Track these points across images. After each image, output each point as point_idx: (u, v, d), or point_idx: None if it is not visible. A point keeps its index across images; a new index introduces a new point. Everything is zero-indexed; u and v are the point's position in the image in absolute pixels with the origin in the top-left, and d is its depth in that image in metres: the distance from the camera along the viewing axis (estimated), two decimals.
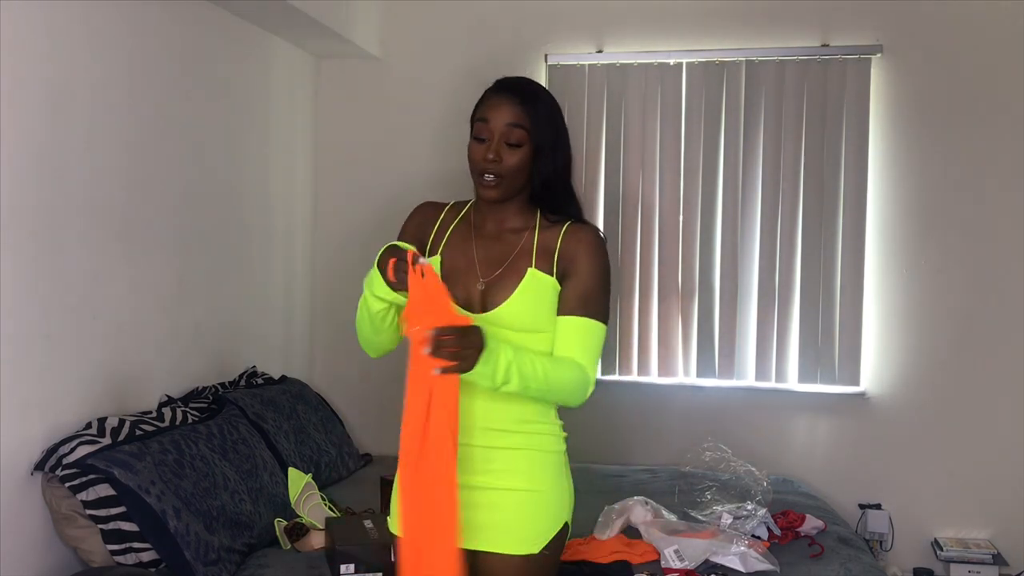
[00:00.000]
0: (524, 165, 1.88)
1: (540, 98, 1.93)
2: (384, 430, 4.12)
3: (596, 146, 4.21)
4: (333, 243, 4.47)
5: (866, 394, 4.06)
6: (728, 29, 4.12)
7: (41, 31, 2.60)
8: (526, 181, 1.91)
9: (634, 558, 2.81)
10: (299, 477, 3.15)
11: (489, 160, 1.86)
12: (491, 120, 1.88)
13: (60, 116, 2.69)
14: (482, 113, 1.91)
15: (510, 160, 1.87)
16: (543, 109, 1.91)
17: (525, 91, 1.92)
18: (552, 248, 1.91)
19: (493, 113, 1.89)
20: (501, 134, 1.87)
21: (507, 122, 1.87)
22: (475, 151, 1.90)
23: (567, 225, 1.94)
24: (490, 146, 1.87)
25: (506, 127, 1.87)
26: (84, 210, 2.79)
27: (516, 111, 1.88)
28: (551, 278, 1.89)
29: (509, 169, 1.87)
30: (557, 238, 1.92)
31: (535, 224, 1.95)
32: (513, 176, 1.88)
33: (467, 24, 4.30)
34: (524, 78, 1.98)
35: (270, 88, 4.05)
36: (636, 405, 4.22)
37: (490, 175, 1.87)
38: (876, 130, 4.02)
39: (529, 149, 1.88)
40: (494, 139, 1.87)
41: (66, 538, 2.63)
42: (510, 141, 1.87)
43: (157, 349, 3.19)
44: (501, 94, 1.91)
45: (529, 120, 1.88)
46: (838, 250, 4.04)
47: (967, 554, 3.82)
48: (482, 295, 1.90)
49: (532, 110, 1.89)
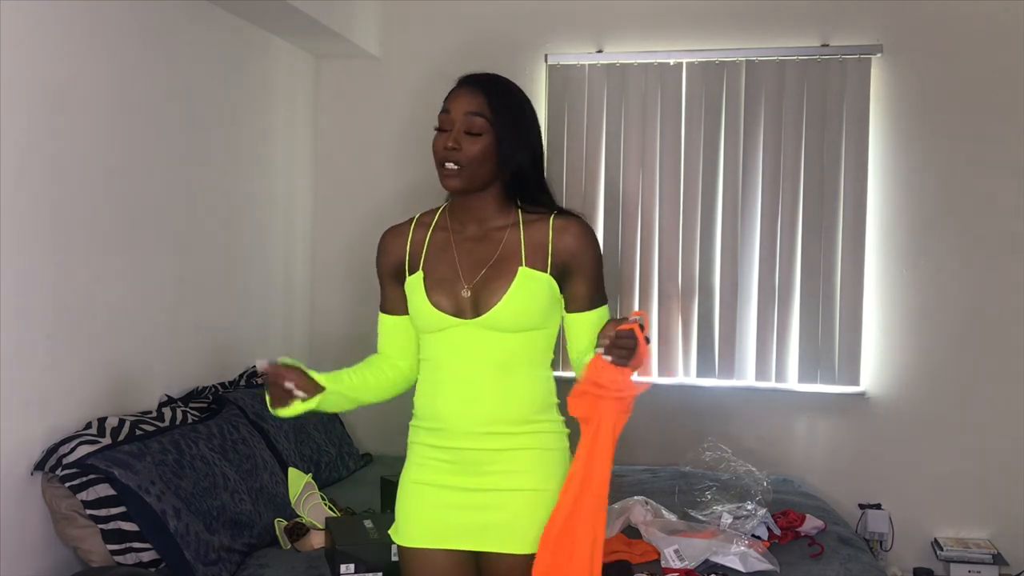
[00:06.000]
0: (486, 154, 1.86)
1: (503, 88, 1.92)
2: (384, 430, 4.11)
3: (596, 146, 4.21)
4: (333, 243, 4.47)
5: (866, 394, 4.06)
6: (728, 29, 4.12)
7: (41, 31, 2.61)
8: (491, 172, 1.88)
9: (634, 558, 2.81)
10: (299, 477, 3.15)
11: (448, 148, 1.84)
12: (452, 110, 1.87)
13: (60, 116, 2.69)
14: (445, 104, 1.90)
15: (471, 148, 1.84)
16: (505, 99, 1.90)
17: (487, 82, 1.91)
18: (543, 243, 1.89)
19: (454, 103, 1.88)
20: (461, 123, 1.86)
21: (467, 111, 1.86)
22: (436, 141, 1.88)
23: (553, 218, 1.92)
24: (450, 135, 1.86)
25: (466, 116, 1.85)
26: (84, 210, 2.80)
27: (477, 100, 1.86)
28: (545, 275, 1.88)
29: (469, 158, 1.84)
30: (547, 233, 1.90)
31: (517, 220, 1.92)
32: (473, 165, 1.85)
33: (467, 24, 4.31)
34: (490, 73, 1.96)
35: (270, 88, 4.05)
36: (636, 405, 4.19)
37: (450, 163, 1.85)
38: (876, 130, 4.02)
39: (491, 138, 1.86)
40: (454, 128, 1.86)
41: (66, 538, 2.63)
42: (470, 130, 1.85)
43: (157, 349, 3.19)
44: (463, 86, 1.91)
45: (490, 109, 1.86)
46: (838, 250, 4.04)
47: (967, 554, 3.82)
48: (472, 299, 1.87)
49: (493, 99, 1.87)
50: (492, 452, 1.87)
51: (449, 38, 4.31)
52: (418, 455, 1.94)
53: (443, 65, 4.33)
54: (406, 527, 1.95)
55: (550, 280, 1.88)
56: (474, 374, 1.87)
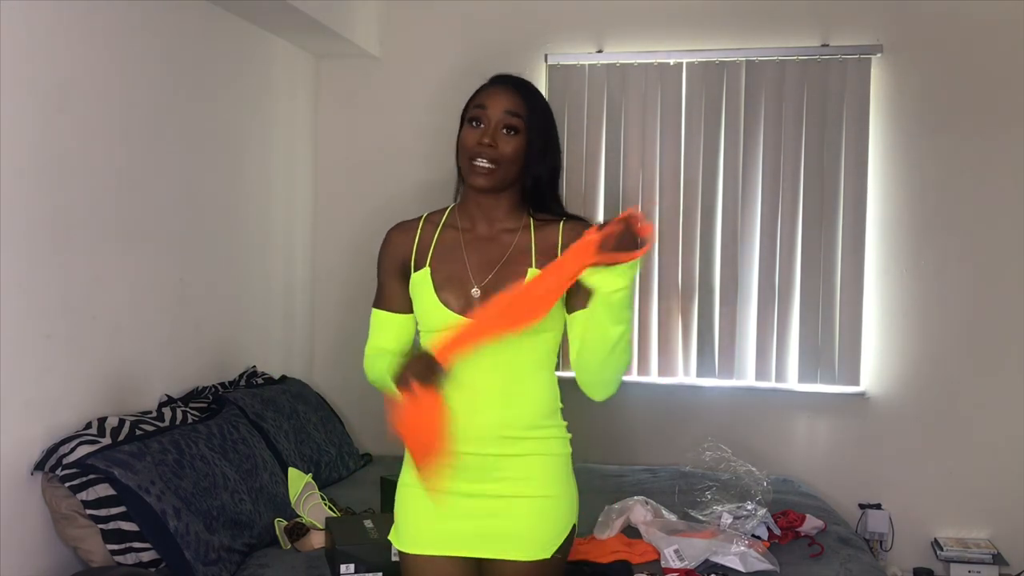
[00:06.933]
0: (518, 156, 1.85)
1: (538, 96, 1.93)
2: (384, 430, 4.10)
3: (596, 146, 4.21)
4: (333, 243, 4.47)
5: (866, 394, 4.06)
6: (728, 29, 4.12)
7: (42, 31, 2.61)
8: (517, 175, 1.88)
9: (634, 558, 2.81)
10: (299, 477, 3.16)
11: (484, 144, 1.83)
12: (489, 107, 1.86)
13: (60, 116, 2.69)
14: (480, 100, 1.88)
15: (506, 148, 1.84)
16: (540, 106, 1.91)
17: (525, 85, 1.92)
18: (553, 245, 1.89)
19: (492, 100, 1.86)
20: (499, 121, 1.84)
21: (506, 109, 1.85)
22: (469, 136, 1.86)
23: (563, 222, 1.92)
24: (486, 131, 1.84)
25: (504, 114, 1.84)
26: (84, 210, 2.80)
27: (516, 101, 1.86)
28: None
29: (504, 156, 1.84)
30: (557, 235, 1.90)
31: (528, 223, 1.92)
32: (507, 165, 1.84)
33: (467, 24, 4.30)
34: (522, 77, 1.97)
35: (270, 88, 4.05)
36: (636, 405, 4.22)
37: (483, 160, 1.83)
38: (876, 130, 4.02)
39: (524, 141, 1.86)
40: (491, 125, 1.84)
41: (66, 538, 2.63)
42: (507, 129, 1.85)
43: (157, 349, 3.19)
44: (500, 84, 1.90)
45: (527, 111, 1.86)
46: (838, 250, 4.04)
47: (967, 554, 3.82)
48: (482, 299, 1.85)
49: (531, 103, 1.88)
50: (498, 458, 1.85)
51: (449, 38, 4.31)
52: None
53: (443, 65, 4.34)
54: (407, 533, 1.92)
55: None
56: (480, 377, 1.84)
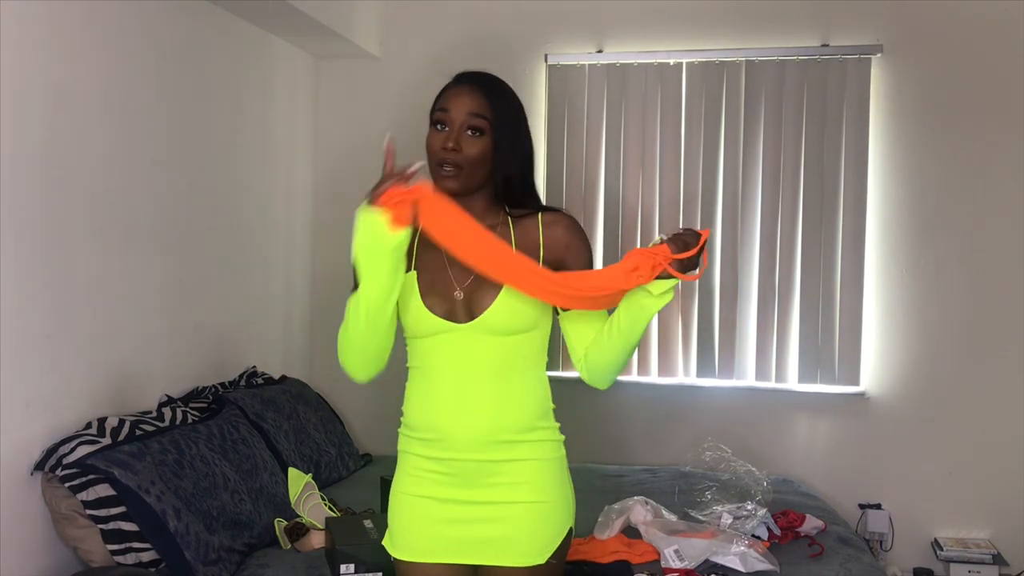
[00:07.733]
0: (484, 157, 1.82)
1: (503, 91, 1.89)
2: (384, 430, 4.10)
3: (596, 146, 4.21)
4: (333, 243, 4.47)
5: (866, 394, 4.06)
6: (728, 29, 4.12)
7: (42, 31, 2.61)
8: (486, 175, 1.85)
9: (634, 558, 2.81)
10: (299, 477, 3.16)
11: (448, 149, 1.80)
12: (452, 109, 1.83)
13: (60, 116, 2.69)
14: (443, 103, 1.85)
15: (470, 150, 1.81)
16: (505, 102, 1.87)
17: (488, 83, 1.88)
18: (534, 239, 1.87)
19: (454, 102, 1.83)
20: (462, 123, 1.82)
21: (469, 111, 1.82)
22: (434, 140, 1.83)
23: (541, 215, 1.90)
24: (450, 135, 1.81)
25: (467, 116, 1.81)
26: (84, 210, 2.80)
27: (480, 101, 1.83)
28: None
29: (469, 159, 1.81)
30: (536, 229, 1.88)
31: (506, 219, 1.89)
32: (472, 167, 1.82)
33: (467, 24, 4.31)
34: (487, 72, 1.93)
35: (270, 88, 4.05)
36: (636, 405, 4.22)
37: (449, 165, 1.81)
38: (876, 130, 4.03)
39: (490, 141, 1.83)
40: (455, 128, 1.82)
41: (66, 538, 2.63)
42: (472, 131, 1.82)
43: (157, 349, 3.19)
44: (463, 84, 1.87)
45: (491, 111, 1.83)
46: (838, 250, 4.04)
47: (967, 554, 3.82)
48: (465, 302, 1.83)
49: (495, 102, 1.84)
50: (492, 463, 1.83)
51: (449, 38, 4.31)
52: (412, 466, 1.88)
53: (443, 65, 4.29)
54: (402, 540, 1.90)
55: None
56: (470, 381, 1.82)
